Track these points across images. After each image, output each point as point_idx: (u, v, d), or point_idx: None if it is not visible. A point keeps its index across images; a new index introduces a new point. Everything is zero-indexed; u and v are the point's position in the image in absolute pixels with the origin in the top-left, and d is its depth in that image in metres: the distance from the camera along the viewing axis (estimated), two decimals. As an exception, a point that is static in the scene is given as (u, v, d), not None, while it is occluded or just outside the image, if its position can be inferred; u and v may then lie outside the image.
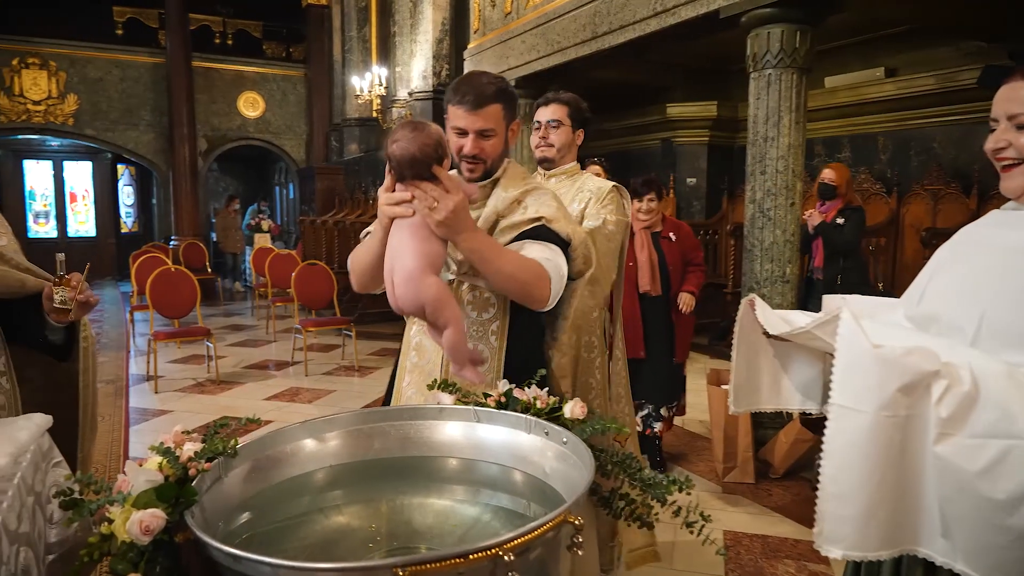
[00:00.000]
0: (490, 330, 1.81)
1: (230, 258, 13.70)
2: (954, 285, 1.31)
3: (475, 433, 1.47)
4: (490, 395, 1.53)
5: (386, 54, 11.94)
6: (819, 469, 1.16)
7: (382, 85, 11.04)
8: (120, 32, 14.14)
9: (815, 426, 3.86)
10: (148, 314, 6.94)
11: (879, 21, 5.94)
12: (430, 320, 1.57)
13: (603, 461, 1.38)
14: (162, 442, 1.21)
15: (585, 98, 2.54)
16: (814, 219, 4.66)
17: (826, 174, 4.73)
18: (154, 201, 15.77)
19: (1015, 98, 1.23)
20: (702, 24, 4.84)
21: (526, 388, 1.54)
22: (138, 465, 1.16)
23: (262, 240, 12.46)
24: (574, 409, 1.47)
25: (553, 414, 1.47)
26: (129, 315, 8.61)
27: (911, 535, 1.15)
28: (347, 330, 7.00)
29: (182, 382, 6.33)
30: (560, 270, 1.71)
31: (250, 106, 14.88)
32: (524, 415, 1.44)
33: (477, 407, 1.50)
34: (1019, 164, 1.23)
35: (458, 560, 0.91)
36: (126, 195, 16.66)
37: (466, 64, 8.13)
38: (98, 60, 13.43)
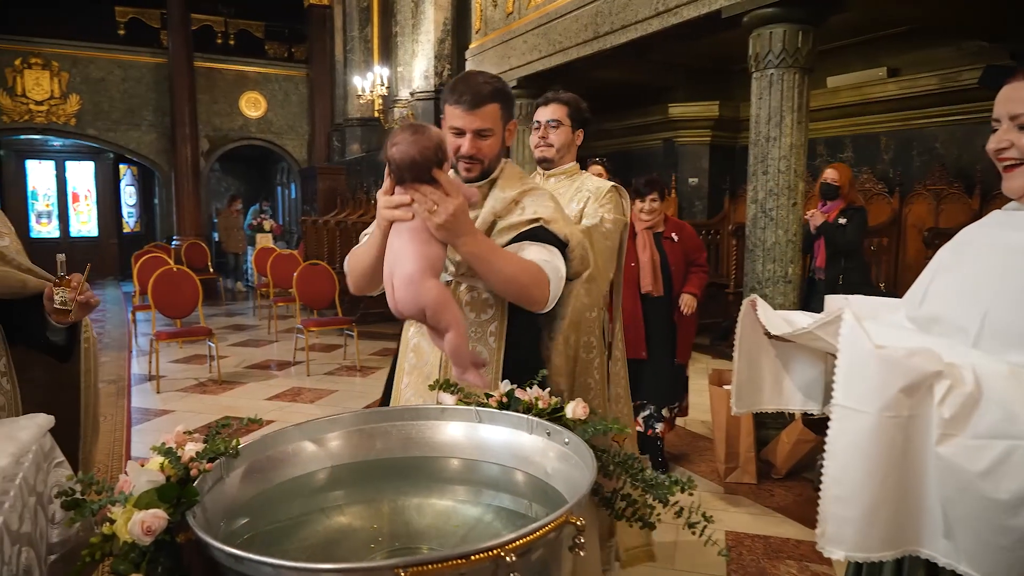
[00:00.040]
0: (488, 331, 1.80)
1: (232, 258, 13.71)
2: (956, 286, 1.31)
3: (477, 433, 1.47)
4: (492, 395, 1.53)
5: (388, 54, 11.95)
6: (821, 470, 1.16)
7: (384, 85, 11.04)
8: (122, 32, 14.15)
9: (817, 426, 3.86)
10: (150, 314, 6.95)
11: (881, 21, 5.93)
12: (431, 323, 1.56)
13: (605, 462, 1.38)
14: (164, 442, 1.21)
15: (587, 98, 2.54)
16: (816, 219, 4.66)
17: (828, 174, 4.73)
18: (156, 201, 15.79)
19: (1017, 98, 1.22)
20: (704, 24, 4.84)
21: (528, 388, 1.54)
22: (140, 465, 1.15)
23: (264, 240, 12.46)
24: (576, 409, 1.47)
25: (555, 414, 1.46)
26: (131, 315, 8.61)
27: (913, 536, 1.15)
28: (349, 330, 7.01)
29: (184, 382, 6.34)
30: (559, 272, 1.71)
31: (252, 106, 14.89)
32: (526, 415, 1.44)
33: (479, 407, 1.49)
34: (1021, 164, 1.23)
35: (460, 561, 0.91)
36: (128, 195, 16.69)
37: (468, 64, 8.13)
38: (100, 60, 13.44)
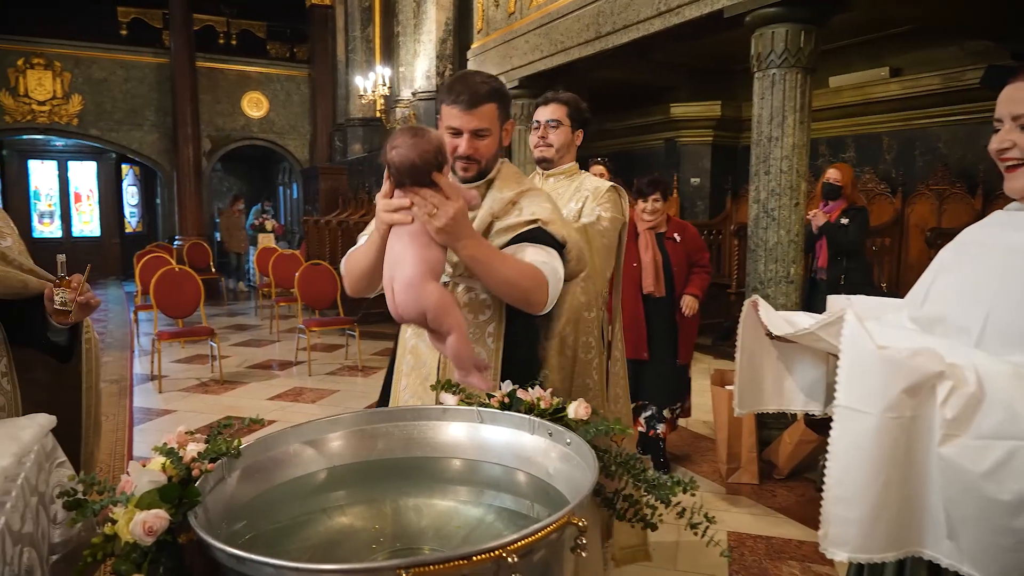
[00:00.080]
0: (487, 332, 1.80)
1: (234, 258, 13.73)
2: (958, 286, 1.30)
3: (478, 434, 1.46)
4: (494, 396, 1.53)
5: (390, 54, 11.95)
6: (824, 471, 1.16)
7: (386, 85, 11.04)
8: (124, 32, 14.17)
9: (819, 427, 3.85)
10: (152, 314, 6.97)
11: (883, 21, 5.93)
12: (432, 327, 1.55)
13: (607, 462, 1.38)
14: (165, 442, 1.21)
15: (588, 98, 2.53)
16: (818, 219, 4.65)
17: (830, 174, 4.72)
18: (158, 201, 15.82)
19: (1019, 98, 1.22)
20: (706, 24, 4.83)
21: (529, 389, 1.54)
22: (141, 465, 1.15)
23: (266, 240, 12.47)
24: (578, 410, 1.47)
25: (557, 415, 1.46)
26: (133, 315, 8.61)
27: (916, 537, 1.15)
28: (350, 330, 7.02)
29: (186, 382, 6.34)
30: (557, 273, 1.71)
31: (254, 106, 14.90)
32: (528, 416, 1.44)
33: (481, 408, 1.49)
34: (1023, 164, 1.23)
35: (461, 561, 0.91)
36: (130, 195, 16.72)
37: (469, 64, 8.13)
38: (102, 60, 13.46)
